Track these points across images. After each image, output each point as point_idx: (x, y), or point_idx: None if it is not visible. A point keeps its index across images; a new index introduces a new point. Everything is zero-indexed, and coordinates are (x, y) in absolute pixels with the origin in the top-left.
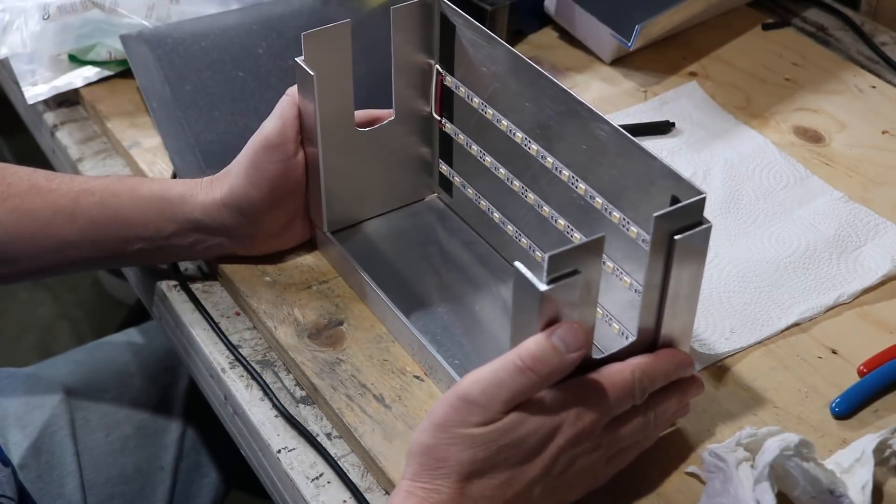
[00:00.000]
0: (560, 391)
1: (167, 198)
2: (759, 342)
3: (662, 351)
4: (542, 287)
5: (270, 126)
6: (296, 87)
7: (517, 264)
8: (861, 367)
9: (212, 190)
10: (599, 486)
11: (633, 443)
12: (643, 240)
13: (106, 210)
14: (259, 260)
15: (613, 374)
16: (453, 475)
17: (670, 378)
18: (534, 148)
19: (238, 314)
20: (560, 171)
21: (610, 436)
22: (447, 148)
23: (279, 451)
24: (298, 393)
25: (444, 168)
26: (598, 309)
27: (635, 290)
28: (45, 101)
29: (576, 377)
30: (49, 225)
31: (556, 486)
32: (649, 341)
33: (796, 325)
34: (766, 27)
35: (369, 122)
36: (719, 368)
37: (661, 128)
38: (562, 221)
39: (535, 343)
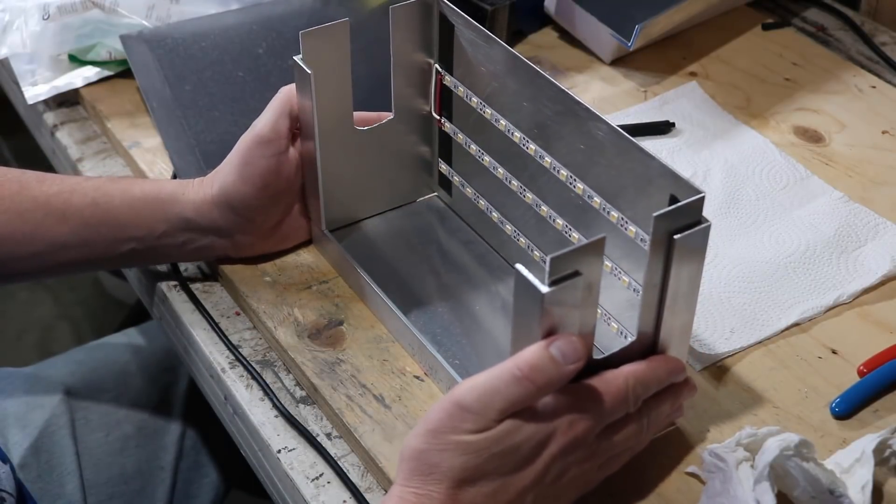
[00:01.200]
0: (554, 399)
1: (159, 197)
2: (759, 342)
3: (655, 357)
4: (544, 289)
5: (263, 122)
6: (290, 85)
7: (518, 266)
8: (861, 367)
9: (203, 188)
10: (590, 490)
11: (626, 448)
12: (641, 239)
13: (98, 210)
14: (259, 260)
15: (607, 382)
16: (445, 481)
17: (663, 384)
18: (532, 147)
19: (238, 314)
20: (558, 171)
21: (603, 443)
22: (446, 147)
23: (279, 451)
24: (298, 393)
25: (444, 167)
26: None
27: (634, 290)
28: (45, 101)
29: (570, 384)
30: (40, 226)
31: (548, 494)
32: (649, 341)
33: (796, 325)
34: (766, 27)
35: (368, 124)
36: (719, 368)
37: (661, 128)
38: (560, 221)
39: (533, 353)
